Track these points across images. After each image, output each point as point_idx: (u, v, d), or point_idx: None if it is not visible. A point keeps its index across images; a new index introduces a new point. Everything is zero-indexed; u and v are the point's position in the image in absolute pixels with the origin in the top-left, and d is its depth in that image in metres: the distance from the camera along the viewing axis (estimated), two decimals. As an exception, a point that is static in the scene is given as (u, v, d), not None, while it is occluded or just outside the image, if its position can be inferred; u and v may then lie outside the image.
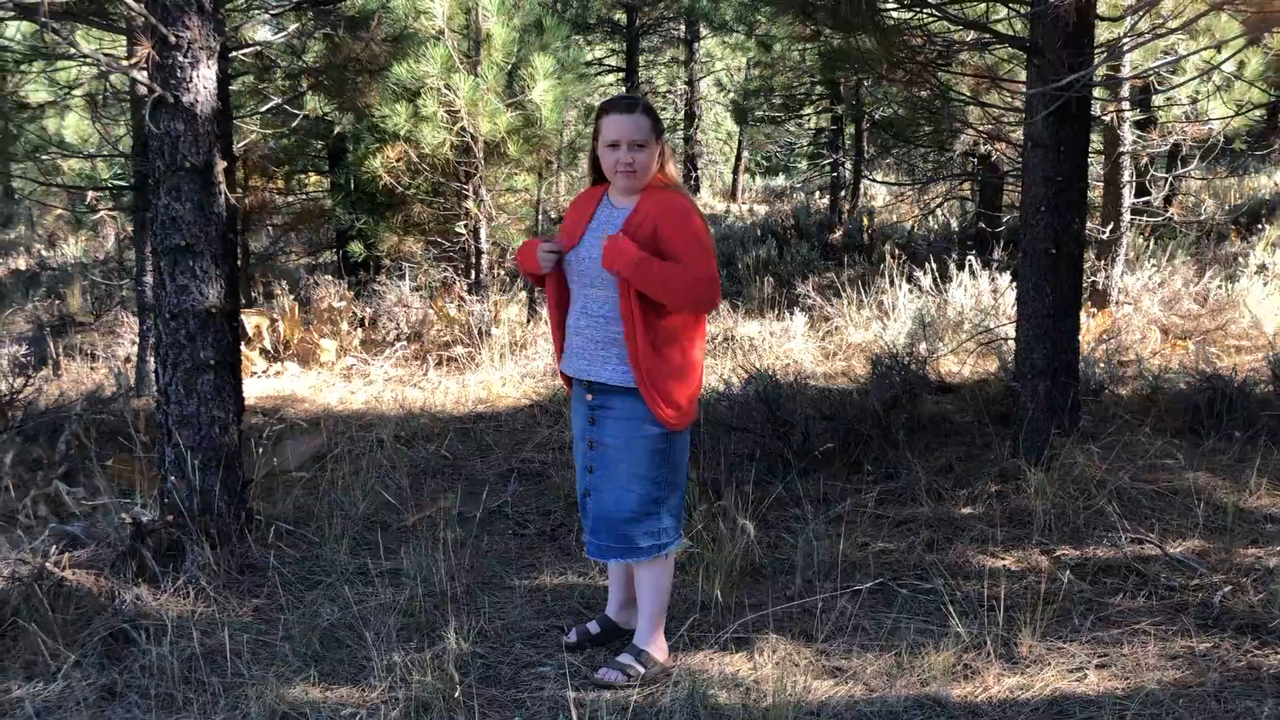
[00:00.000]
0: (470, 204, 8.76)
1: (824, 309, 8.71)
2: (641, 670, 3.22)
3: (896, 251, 10.04)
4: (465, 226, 8.94)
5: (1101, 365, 6.32)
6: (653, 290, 2.98)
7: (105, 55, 4.36)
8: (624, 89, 18.68)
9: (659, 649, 3.30)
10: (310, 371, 8.03)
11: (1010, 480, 4.74)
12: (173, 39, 3.94)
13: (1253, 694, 3.03)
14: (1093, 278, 7.98)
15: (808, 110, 15.89)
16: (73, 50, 4.54)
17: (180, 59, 3.97)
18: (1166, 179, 9.31)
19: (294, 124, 8.46)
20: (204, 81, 4.03)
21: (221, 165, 4.11)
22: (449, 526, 4.39)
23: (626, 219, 3.08)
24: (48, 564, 3.78)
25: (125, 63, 4.13)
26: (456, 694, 3.07)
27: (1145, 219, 8.86)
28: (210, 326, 4.12)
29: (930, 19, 5.92)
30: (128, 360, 8.21)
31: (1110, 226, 8.06)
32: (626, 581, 3.46)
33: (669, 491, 3.18)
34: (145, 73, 4.01)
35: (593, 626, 3.49)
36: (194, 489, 4.12)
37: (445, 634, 3.39)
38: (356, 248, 9.88)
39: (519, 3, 8.72)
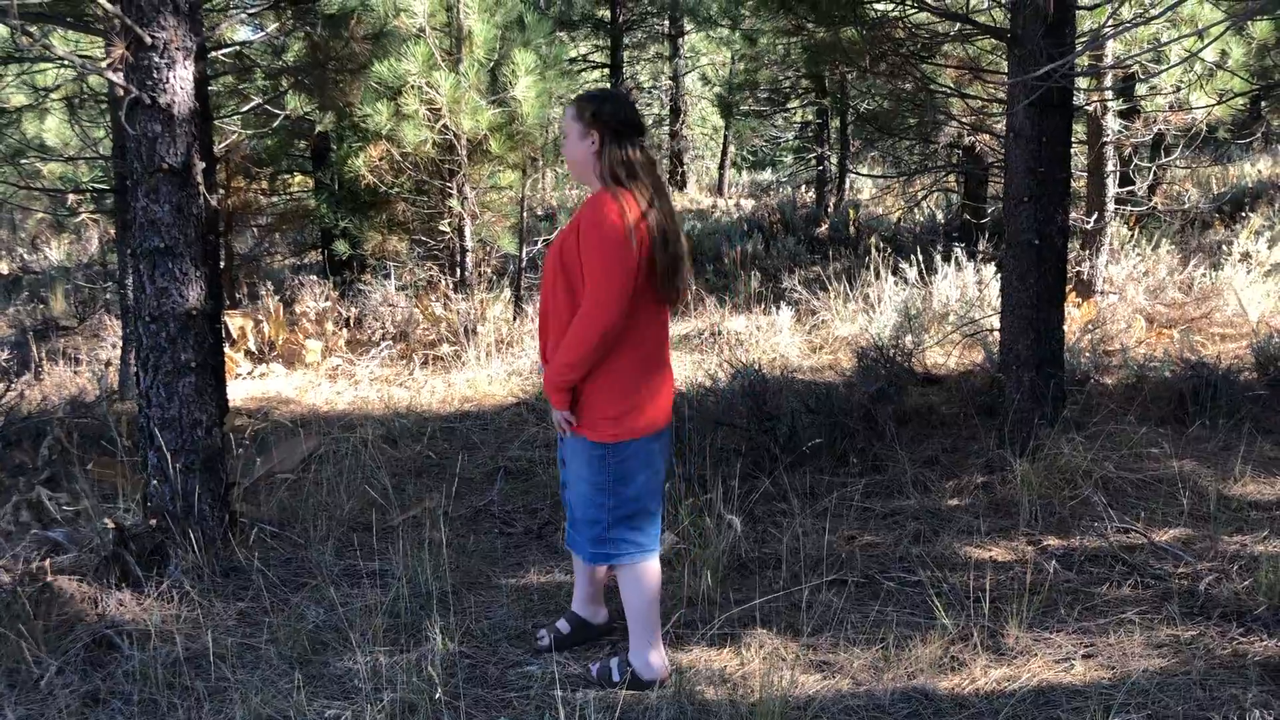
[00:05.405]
0: (454, 202, 8.74)
1: (810, 303, 8.71)
2: (616, 681, 3.17)
3: (882, 244, 10.05)
4: (449, 225, 8.92)
5: (1087, 355, 6.33)
6: (569, 369, 2.92)
7: (81, 56, 4.33)
8: (608, 85, 18.65)
9: (647, 667, 3.15)
10: (296, 372, 8.00)
11: (996, 471, 4.74)
12: (148, 39, 3.91)
13: (1237, 681, 3.04)
14: (1077, 268, 8.00)
15: (793, 104, 15.88)
16: (47, 52, 4.51)
17: (156, 59, 3.94)
18: (1150, 168, 9.33)
19: (275, 124, 8.42)
20: (181, 82, 4.00)
21: (200, 166, 4.08)
22: (434, 526, 4.38)
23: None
24: (30, 570, 3.75)
25: (101, 64, 4.09)
26: (439, 694, 3.05)
27: (1129, 208, 8.87)
28: (191, 329, 4.09)
29: (912, 10, 5.91)
30: (108, 364, 8.16)
31: (1094, 216, 8.08)
32: (589, 577, 3.43)
33: (614, 500, 3.05)
34: (121, 74, 3.98)
35: (563, 626, 3.46)
36: (177, 492, 4.09)
37: (431, 635, 3.38)
38: (341, 247, 9.84)
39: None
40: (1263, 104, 12.77)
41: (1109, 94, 8.07)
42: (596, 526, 3.09)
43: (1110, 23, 5.88)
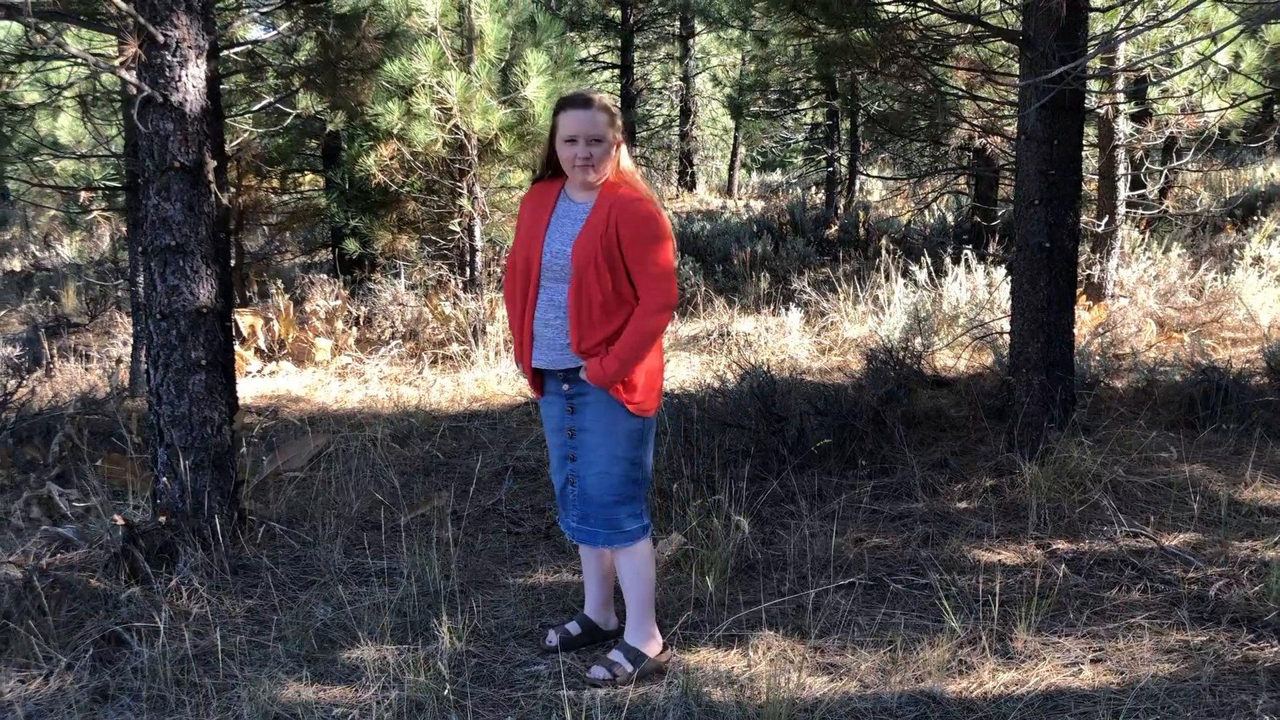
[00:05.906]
0: (464, 201, 8.74)
1: (820, 304, 8.70)
2: (629, 669, 3.19)
3: (892, 246, 10.03)
4: (459, 224, 8.93)
5: (1097, 358, 6.31)
6: (637, 362, 3.07)
7: (94, 55, 4.35)
8: (619, 86, 18.66)
9: (651, 645, 3.27)
10: (305, 370, 8.02)
11: (1005, 474, 4.73)
12: (161, 38, 3.92)
13: (1248, 687, 3.03)
14: (1088, 271, 7.97)
15: (803, 105, 15.86)
16: (60, 50, 4.53)
17: (169, 58, 3.95)
18: (1162, 171, 9.30)
19: (286, 123, 8.44)
20: (193, 80, 4.01)
21: (212, 164, 4.10)
22: (443, 525, 4.38)
23: (589, 218, 3.08)
24: (40, 566, 3.77)
25: (114, 62, 4.10)
26: (446, 693, 3.06)
27: (1140, 211, 8.84)
28: (201, 326, 4.10)
29: (923, 12, 5.90)
30: (119, 361, 8.19)
31: (1105, 219, 8.05)
32: (603, 578, 3.45)
33: (644, 472, 3.24)
34: (133, 72, 3.99)
35: (573, 628, 3.47)
36: (186, 489, 4.10)
37: (439, 633, 3.38)
38: (352, 245, 9.86)
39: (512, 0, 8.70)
40: (1276, 107, 12.71)
41: (1121, 97, 8.05)
42: (634, 502, 3.19)
43: (1123, 25, 5.87)
